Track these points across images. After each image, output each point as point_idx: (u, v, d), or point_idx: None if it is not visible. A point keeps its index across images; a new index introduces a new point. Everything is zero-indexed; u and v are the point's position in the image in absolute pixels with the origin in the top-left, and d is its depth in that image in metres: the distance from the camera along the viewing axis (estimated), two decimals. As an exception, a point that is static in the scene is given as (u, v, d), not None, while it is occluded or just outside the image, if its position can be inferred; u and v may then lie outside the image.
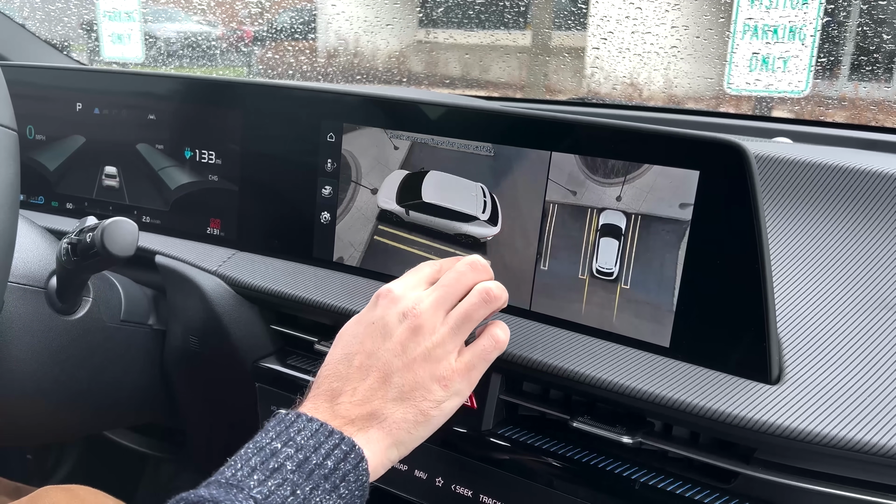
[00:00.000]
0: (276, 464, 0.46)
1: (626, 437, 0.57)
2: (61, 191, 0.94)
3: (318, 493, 0.45)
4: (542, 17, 1.52)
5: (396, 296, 0.55)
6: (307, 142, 0.76)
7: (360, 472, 0.48)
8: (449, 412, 0.54)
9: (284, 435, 0.48)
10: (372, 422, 0.51)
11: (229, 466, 0.46)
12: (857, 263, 0.61)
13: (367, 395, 0.51)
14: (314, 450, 0.47)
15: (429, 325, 0.53)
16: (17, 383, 0.71)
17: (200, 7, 1.92)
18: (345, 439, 0.48)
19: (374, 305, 0.55)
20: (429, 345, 0.53)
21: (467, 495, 0.63)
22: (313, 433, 0.48)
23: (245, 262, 0.79)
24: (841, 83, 1.15)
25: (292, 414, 0.49)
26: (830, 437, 0.48)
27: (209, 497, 0.43)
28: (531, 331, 0.62)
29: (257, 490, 0.44)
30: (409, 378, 0.52)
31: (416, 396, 0.52)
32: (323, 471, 0.46)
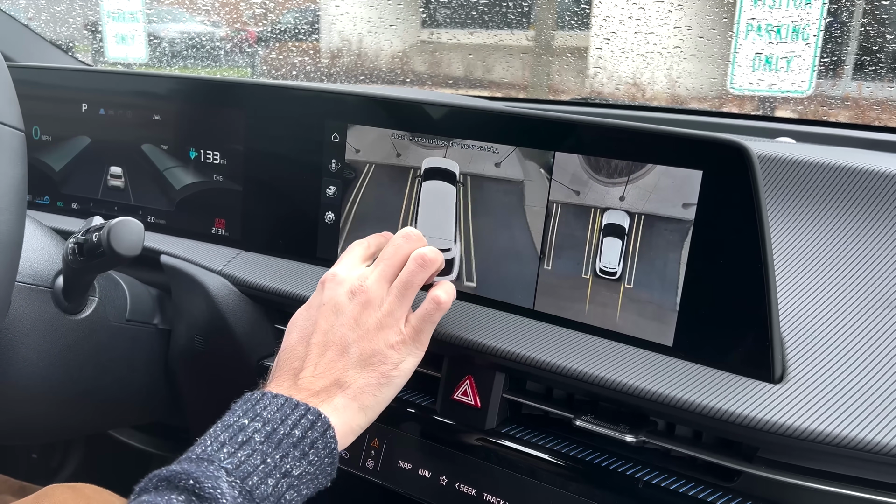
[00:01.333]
0: (245, 437, 0.47)
1: (630, 436, 0.57)
2: (67, 191, 0.95)
3: (287, 461, 0.47)
4: (545, 18, 1.52)
5: (342, 278, 0.59)
6: (311, 142, 0.76)
7: (327, 439, 0.50)
8: (408, 372, 0.57)
9: (251, 412, 0.49)
10: (336, 390, 0.54)
11: (199, 444, 0.48)
12: (860, 263, 0.61)
13: (328, 367, 0.54)
14: (281, 422, 0.49)
15: (377, 298, 0.57)
16: (23, 382, 0.72)
17: (204, 8, 1.93)
18: (310, 409, 0.50)
19: (322, 290, 0.59)
20: (379, 315, 0.57)
21: (471, 494, 0.63)
22: (279, 407, 0.50)
23: (250, 262, 0.80)
24: (844, 83, 1.14)
25: (257, 392, 0.52)
26: (833, 435, 0.48)
27: (182, 471, 0.44)
28: (535, 330, 0.63)
29: (228, 461, 0.45)
30: (365, 346, 0.55)
31: (375, 362, 0.55)
32: (291, 440, 0.48)
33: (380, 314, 0.57)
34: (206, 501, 0.42)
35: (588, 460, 0.60)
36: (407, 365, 0.57)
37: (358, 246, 0.63)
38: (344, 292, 0.57)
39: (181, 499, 0.43)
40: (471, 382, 0.64)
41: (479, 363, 0.64)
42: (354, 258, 0.62)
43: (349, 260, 0.61)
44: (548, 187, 0.63)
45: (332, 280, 0.59)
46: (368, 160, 0.73)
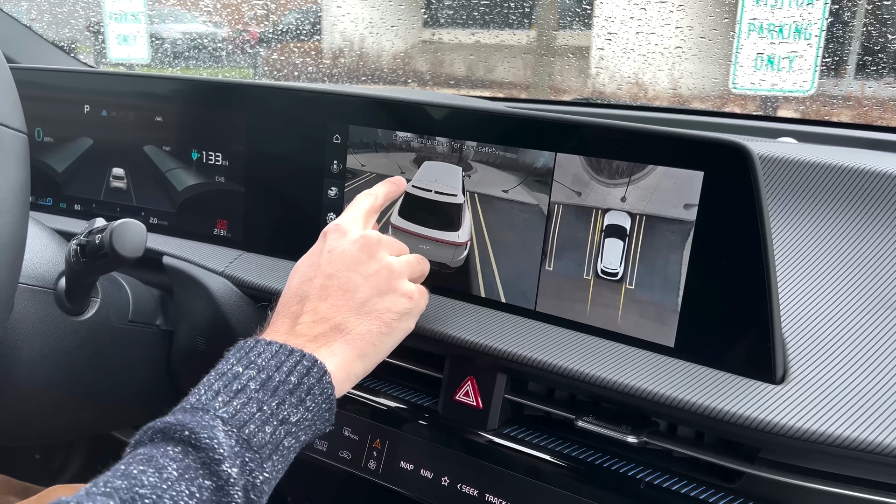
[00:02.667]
0: (240, 385, 0.47)
1: (631, 437, 0.57)
2: (69, 192, 0.95)
3: (284, 408, 0.47)
4: (547, 18, 1.52)
5: (346, 228, 0.58)
6: (313, 143, 0.76)
7: (324, 384, 0.49)
8: (408, 328, 0.58)
9: (245, 360, 0.49)
10: (336, 335, 0.53)
11: (193, 394, 0.47)
12: (861, 263, 0.61)
13: (329, 312, 0.53)
14: (276, 368, 0.48)
15: (385, 244, 0.58)
16: (26, 383, 0.72)
17: (206, 8, 1.93)
18: (305, 356, 0.49)
19: (324, 239, 0.58)
20: (391, 261, 0.57)
21: (473, 495, 0.63)
22: (274, 354, 0.49)
23: (252, 263, 0.80)
24: (847, 83, 1.14)
25: (251, 340, 0.51)
26: (835, 436, 0.48)
27: (176, 422, 0.43)
28: (536, 331, 0.63)
29: (223, 410, 0.45)
30: (372, 291, 0.55)
31: (380, 308, 0.55)
32: (287, 386, 0.47)
33: (390, 260, 0.57)
34: (202, 451, 0.42)
35: (590, 461, 0.60)
36: (410, 319, 0.57)
37: (364, 198, 0.62)
38: (348, 240, 0.57)
39: (177, 450, 0.42)
40: (472, 383, 0.65)
41: (481, 364, 0.64)
42: (359, 211, 0.61)
43: (354, 212, 0.61)
44: (549, 188, 0.63)
45: (335, 230, 0.58)
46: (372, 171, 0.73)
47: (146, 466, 0.41)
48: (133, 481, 0.40)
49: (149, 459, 0.41)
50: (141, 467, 0.41)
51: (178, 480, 0.40)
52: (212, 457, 0.42)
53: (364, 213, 0.61)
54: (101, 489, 0.39)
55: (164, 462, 0.41)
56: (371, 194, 0.63)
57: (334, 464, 0.70)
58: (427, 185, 0.69)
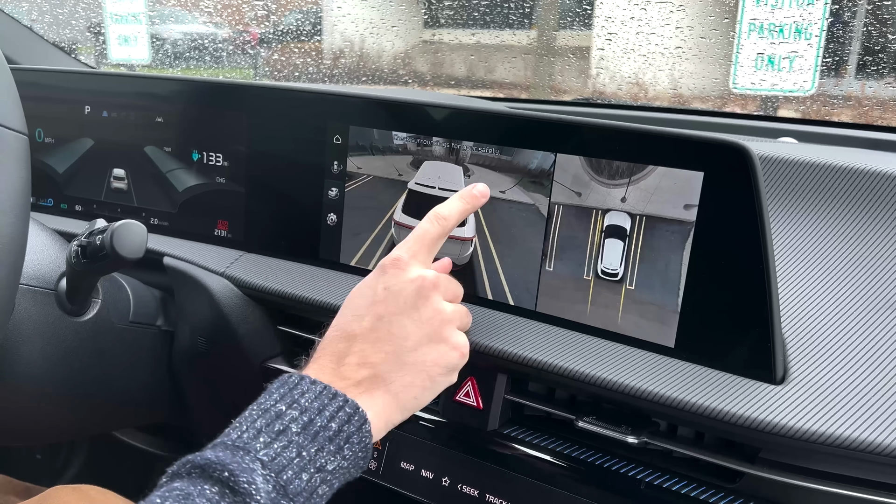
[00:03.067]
0: (282, 426, 0.46)
1: (632, 437, 0.57)
2: (70, 193, 0.95)
3: (322, 455, 0.46)
4: (547, 18, 1.52)
5: (405, 263, 0.54)
6: (313, 144, 0.76)
7: (363, 433, 0.48)
8: (451, 381, 0.55)
9: (288, 397, 0.48)
10: (379, 384, 0.51)
11: (234, 429, 0.46)
12: (861, 264, 0.61)
13: (375, 357, 0.51)
14: (318, 412, 0.47)
15: (442, 287, 0.55)
16: (27, 384, 0.72)
17: (207, 9, 1.93)
18: (349, 401, 0.48)
19: (383, 272, 0.55)
20: (445, 309, 0.54)
21: (473, 495, 0.63)
22: (317, 395, 0.48)
23: (252, 264, 0.80)
24: (847, 82, 1.14)
25: (296, 376, 0.49)
26: (835, 436, 0.48)
27: (216, 460, 0.43)
28: (536, 331, 0.63)
29: (263, 452, 0.44)
30: (422, 339, 0.53)
31: (428, 361, 0.52)
32: (327, 433, 0.47)
33: (444, 308, 0.54)
34: (239, 496, 0.41)
35: (590, 461, 0.60)
36: (454, 374, 0.55)
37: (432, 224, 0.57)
38: (408, 279, 0.54)
39: (214, 490, 0.41)
40: (473, 384, 0.65)
41: (482, 364, 0.64)
42: (423, 242, 0.56)
43: (417, 244, 0.56)
44: (549, 189, 0.63)
45: (393, 265, 0.54)
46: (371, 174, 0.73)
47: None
48: None
49: (185, 497, 0.41)
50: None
51: None
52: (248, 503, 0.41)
53: (428, 244, 0.56)
54: None
55: (201, 502, 0.41)
56: (442, 217, 0.57)
57: (335, 464, 0.70)
58: (430, 182, 0.69)
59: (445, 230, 0.57)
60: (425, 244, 0.56)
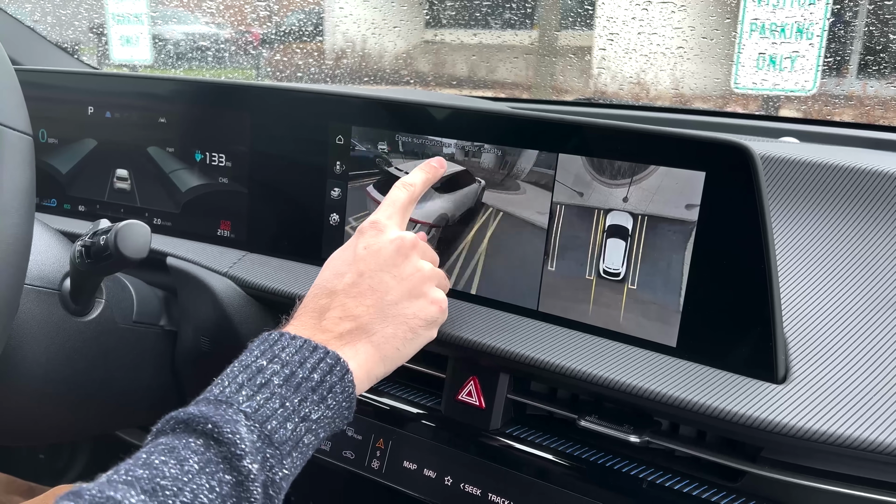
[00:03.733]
0: (263, 379, 0.47)
1: (634, 437, 0.57)
2: (73, 193, 0.95)
3: (306, 405, 0.47)
4: (549, 18, 1.52)
5: (382, 225, 0.57)
6: (316, 144, 0.76)
7: (346, 383, 0.49)
8: (432, 335, 0.57)
9: (269, 353, 0.49)
10: (361, 335, 0.52)
11: (216, 385, 0.47)
12: (863, 263, 0.61)
13: (356, 310, 0.53)
14: (300, 364, 0.48)
15: (420, 249, 0.57)
16: (31, 384, 0.72)
17: (209, 10, 1.93)
18: (329, 353, 0.49)
19: (362, 234, 0.57)
20: (423, 267, 0.56)
21: (476, 494, 0.63)
22: (298, 349, 0.49)
23: (255, 264, 0.80)
24: (849, 82, 1.14)
25: (276, 333, 0.50)
26: (836, 435, 0.48)
27: (199, 414, 0.43)
28: (539, 331, 0.63)
29: (246, 404, 0.45)
30: (403, 294, 0.55)
31: (408, 313, 0.55)
32: (310, 383, 0.48)
33: (422, 265, 0.56)
34: (224, 445, 0.42)
35: (592, 460, 0.60)
36: (435, 328, 0.57)
37: (401, 190, 0.60)
38: (385, 239, 0.56)
39: (199, 442, 0.42)
40: (475, 383, 0.65)
41: (484, 364, 0.64)
42: (396, 206, 0.59)
43: (391, 208, 0.59)
44: (551, 188, 0.63)
45: (371, 227, 0.57)
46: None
47: (167, 457, 0.41)
48: (154, 471, 0.40)
49: (170, 450, 0.42)
50: (162, 458, 0.41)
51: (199, 473, 0.41)
52: (233, 452, 0.42)
53: (401, 209, 0.59)
54: (123, 477, 0.39)
55: (186, 454, 0.41)
56: (409, 184, 0.61)
57: (338, 463, 0.70)
58: (407, 168, 0.70)
59: (414, 196, 0.61)
60: (398, 209, 0.59)
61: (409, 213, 0.61)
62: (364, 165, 0.74)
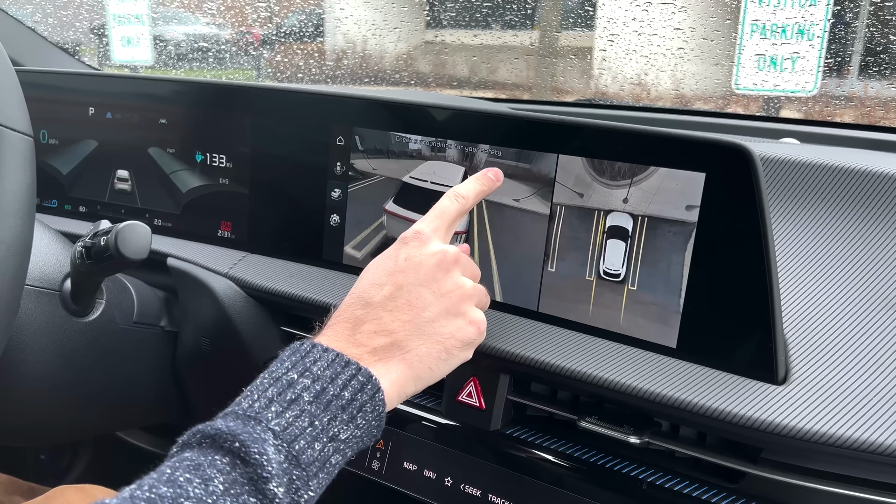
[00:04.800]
0: (293, 395, 0.45)
1: (634, 438, 0.57)
2: (74, 194, 0.95)
3: (335, 424, 0.45)
4: (549, 19, 1.52)
5: (426, 237, 0.55)
6: (316, 145, 0.76)
7: (376, 402, 0.47)
8: (467, 357, 0.54)
9: (300, 365, 0.47)
10: (395, 352, 0.50)
11: (245, 398, 0.45)
12: (863, 264, 0.61)
13: (392, 325, 0.51)
14: (331, 380, 0.46)
15: (462, 264, 0.54)
16: (31, 384, 0.72)
17: (209, 11, 1.93)
18: (361, 370, 0.47)
19: (405, 244, 0.55)
20: (465, 284, 0.54)
21: (476, 495, 0.63)
22: (330, 363, 0.47)
23: (256, 265, 0.80)
24: (850, 83, 1.14)
25: (308, 343, 0.49)
26: (837, 437, 0.48)
27: (227, 430, 0.42)
28: (539, 332, 0.63)
29: (275, 422, 0.43)
30: (441, 312, 0.52)
31: (445, 333, 0.52)
32: (340, 402, 0.46)
33: (463, 282, 0.54)
34: (251, 466, 0.41)
35: (592, 461, 0.60)
36: (471, 350, 0.54)
37: (451, 200, 0.57)
38: (427, 252, 0.53)
39: (225, 461, 0.41)
40: (475, 384, 0.65)
41: (484, 365, 0.64)
42: (443, 218, 0.57)
43: (438, 220, 0.56)
44: (551, 189, 0.63)
45: (415, 238, 0.54)
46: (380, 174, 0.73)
47: (192, 475, 0.40)
48: (178, 490, 0.39)
49: (196, 467, 0.40)
50: (187, 475, 0.40)
51: (224, 495, 0.39)
52: (259, 474, 0.41)
53: (448, 220, 0.57)
54: (147, 494, 0.38)
55: (211, 473, 0.40)
56: (460, 196, 0.58)
57: (338, 464, 0.70)
58: (424, 177, 0.70)
59: (464, 208, 0.58)
60: (445, 220, 0.56)
61: (455, 227, 0.58)
62: (366, 174, 0.74)
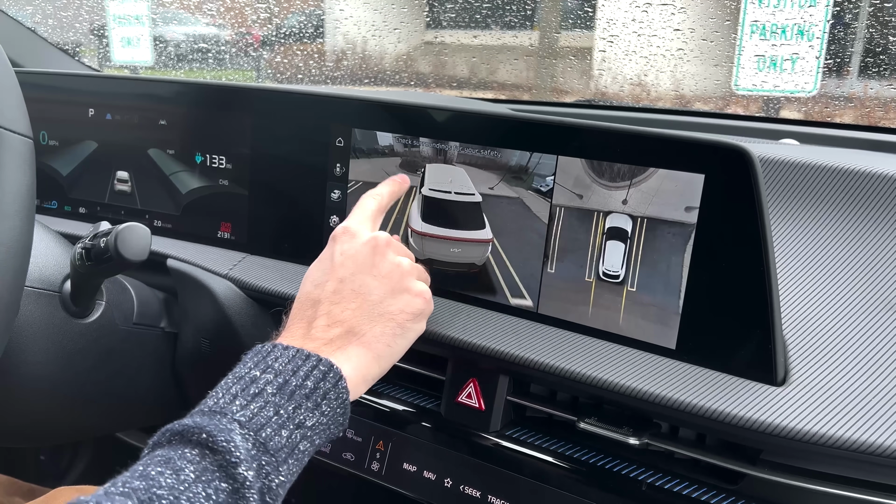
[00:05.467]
0: (257, 389, 0.47)
1: (633, 439, 0.57)
2: (74, 195, 0.95)
3: (300, 412, 0.47)
4: (549, 20, 1.52)
5: (354, 230, 0.58)
6: (316, 146, 0.76)
7: (339, 389, 0.50)
8: (421, 328, 0.58)
9: (262, 364, 0.49)
10: (350, 338, 0.53)
11: (211, 397, 0.47)
12: (862, 266, 0.61)
13: (343, 315, 0.54)
14: (293, 373, 0.48)
15: (394, 245, 0.58)
16: (31, 385, 0.72)
17: (209, 11, 1.94)
18: (322, 360, 0.50)
19: (334, 243, 0.59)
20: (401, 261, 0.57)
21: (476, 496, 0.63)
22: (290, 358, 0.49)
23: (255, 266, 0.80)
24: (849, 84, 1.14)
25: (268, 345, 0.51)
26: (836, 438, 0.48)
27: (194, 425, 0.44)
28: (538, 333, 0.63)
29: (240, 413, 0.45)
30: (385, 292, 0.55)
31: (394, 310, 0.55)
32: (303, 391, 0.48)
33: (400, 261, 0.57)
34: (219, 454, 0.42)
35: (592, 463, 0.60)
36: (422, 320, 0.58)
37: (370, 199, 0.62)
38: (360, 242, 0.57)
39: (195, 452, 0.42)
40: (475, 385, 0.65)
41: (484, 366, 0.64)
42: (366, 213, 0.61)
43: (361, 215, 0.61)
44: (551, 191, 0.63)
45: (344, 233, 0.59)
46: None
47: (164, 468, 0.41)
48: (151, 482, 0.40)
49: (166, 461, 0.42)
50: (159, 468, 0.41)
51: (195, 482, 0.41)
52: (228, 460, 0.42)
53: (371, 215, 0.61)
54: (120, 489, 0.39)
55: (182, 464, 0.42)
56: (376, 195, 0.63)
57: (338, 465, 0.70)
58: (443, 186, 0.69)
59: (382, 206, 0.63)
60: (369, 215, 0.61)
61: (380, 221, 0.62)
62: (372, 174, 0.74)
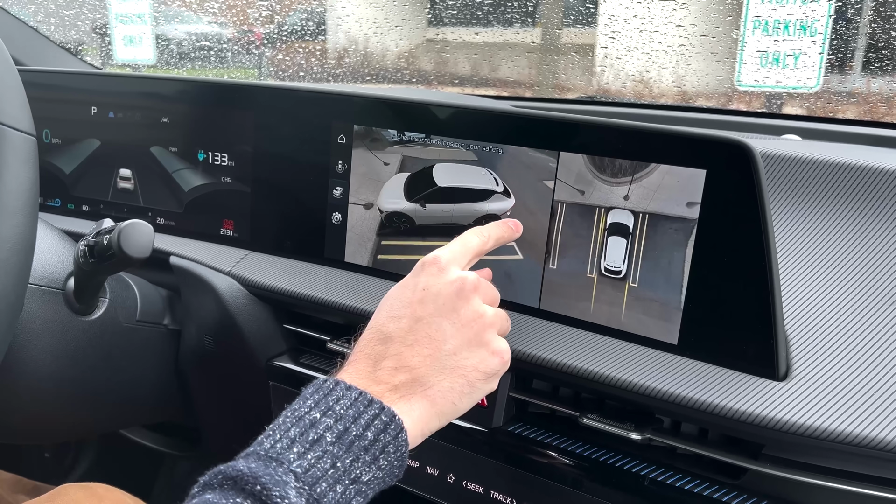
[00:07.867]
0: (316, 435, 0.44)
1: (635, 434, 0.57)
2: (77, 193, 0.96)
3: (357, 466, 0.44)
4: (551, 16, 1.52)
5: (444, 264, 0.53)
6: (318, 143, 0.77)
7: (399, 442, 0.46)
8: (491, 388, 0.53)
9: (323, 404, 0.46)
10: (416, 388, 0.49)
11: (267, 437, 0.45)
12: (864, 261, 0.61)
13: (413, 360, 0.50)
14: (353, 420, 0.45)
15: (482, 290, 0.53)
16: (35, 382, 0.73)
17: (211, 10, 1.94)
18: (385, 409, 0.46)
19: (421, 272, 0.53)
20: (486, 312, 0.52)
21: (478, 491, 0.63)
22: (353, 402, 0.46)
23: (258, 263, 0.80)
24: (852, 79, 1.14)
25: (331, 381, 0.48)
26: (838, 432, 0.48)
27: (248, 471, 0.41)
28: (540, 329, 0.63)
29: (297, 464, 0.43)
30: (462, 343, 0.51)
31: (467, 365, 0.50)
32: (363, 442, 0.45)
33: (484, 310, 0.52)
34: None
35: (594, 458, 0.60)
36: (495, 380, 0.53)
37: (475, 236, 0.57)
38: (445, 281, 0.52)
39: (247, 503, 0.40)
40: (477, 381, 0.65)
41: (486, 362, 0.64)
42: (465, 249, 0.55)
43: (459, 249, 0.55)
44: (552, 187, 0.63)
45: (433, 264, 0.53)
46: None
47: None
48: None
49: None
50: None
51: None
52: None
53: (470, 253, 0.56)
54: None
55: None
56: (483, 234, 0.57)
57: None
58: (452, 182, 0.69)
59: (485, 249, 0.57)
60: (466, 252, 0.55)
61: (475, 261, 0.57)
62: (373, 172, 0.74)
